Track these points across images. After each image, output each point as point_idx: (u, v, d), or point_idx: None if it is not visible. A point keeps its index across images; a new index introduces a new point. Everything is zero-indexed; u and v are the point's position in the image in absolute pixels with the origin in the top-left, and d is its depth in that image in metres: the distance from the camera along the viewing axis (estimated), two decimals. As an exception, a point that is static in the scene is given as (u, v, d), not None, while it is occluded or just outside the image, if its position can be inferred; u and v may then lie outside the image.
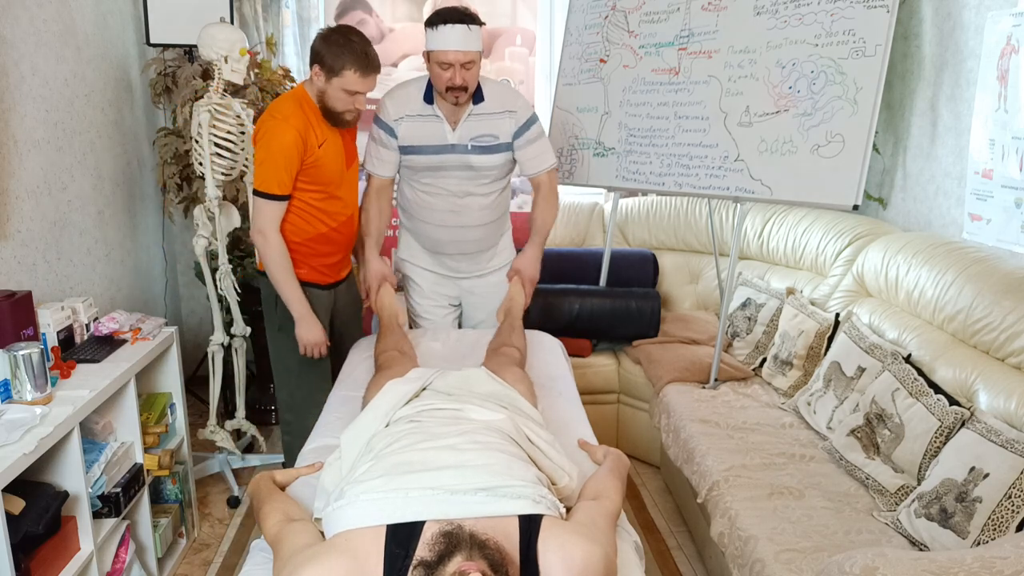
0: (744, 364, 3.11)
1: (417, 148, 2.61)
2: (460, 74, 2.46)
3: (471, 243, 2.76)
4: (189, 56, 3.47)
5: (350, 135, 2.63)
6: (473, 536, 1.28)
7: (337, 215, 2.56)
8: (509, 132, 2.63)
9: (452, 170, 2.63)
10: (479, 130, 2.60)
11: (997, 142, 2.50)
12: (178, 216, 3.82)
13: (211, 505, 3.05)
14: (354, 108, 2.43)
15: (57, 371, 2.19)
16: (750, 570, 1.96)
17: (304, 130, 2.38)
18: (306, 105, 2.43)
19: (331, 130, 2.49)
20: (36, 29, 2.65)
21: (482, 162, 2.62)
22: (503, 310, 2.68)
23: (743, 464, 2.35)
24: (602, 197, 4.07)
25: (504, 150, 2.65)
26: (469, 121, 2.59)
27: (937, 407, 2.11)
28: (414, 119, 2.60)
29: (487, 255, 2.83)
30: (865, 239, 2.98)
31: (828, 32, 2.70)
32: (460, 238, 2.74)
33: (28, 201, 2.55)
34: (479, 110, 2.60)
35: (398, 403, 1.79)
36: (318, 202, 2.50)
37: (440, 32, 2.43)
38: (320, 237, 2.55)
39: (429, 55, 2.49)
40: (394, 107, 2.61)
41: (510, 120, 2.62)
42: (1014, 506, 1.77)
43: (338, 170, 2.52)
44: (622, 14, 3.33)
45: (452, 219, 2.69)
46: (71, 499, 2.01)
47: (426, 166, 2.63)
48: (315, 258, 2.58)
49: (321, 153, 2.43)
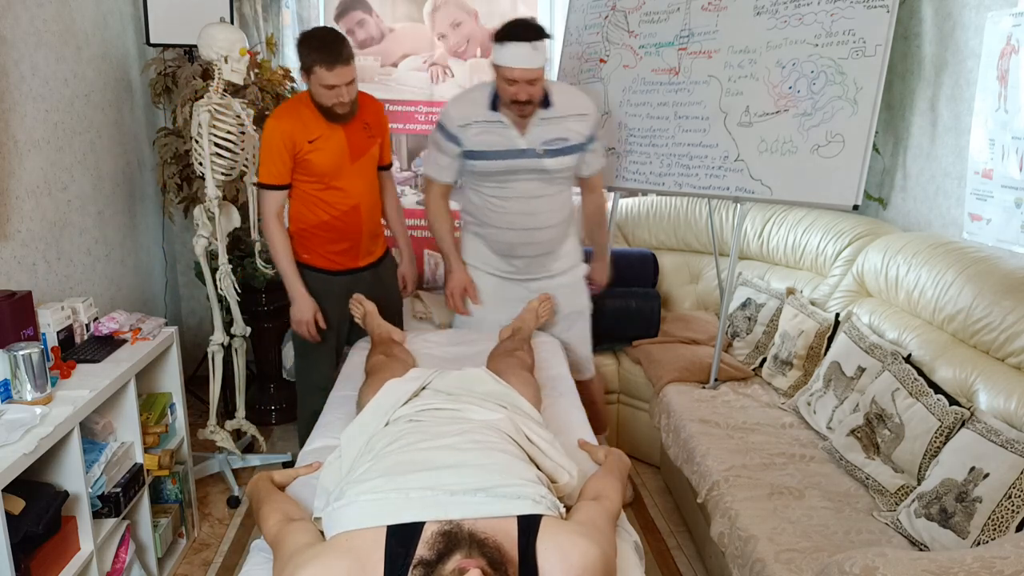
0: (744, 364, 3.11)
1: (485, 153, 2.62)
2: (525, 90, 2.48)
3: (542, 244, 2.77)
4: (189, 56, 3.47)
5: (358, 130, 2.67)
6: (472, 535, 1.28)
7: (338, 204, 2.67)
8: (583, 134, 2.66)
9: (523, 174, 2.65)
10: (550, 134, 2.61)
11: (997, 142, 2.50)
12: (178, 216, 3.82)
13: (211, 505, 3.05)
14: (340, 101, 2.51)
15: (57, 371, 2.19)
16: (750, 570, 1.96)
17: (293, 127, 2.56)
18: (304, 105, 2.59)
19: (330, 127, 2.59)
20: (36, 29, 2.65)
21: (555, 164, 2.64)
22: (512, 328, 2.66)
23: (743, 464, 2.35)
24: (602, 197, 4.06)
25: (577, 151, 2.68)
26: (539, 126, 2.60)
27: (937, 407, 2.11)
28: (481, 125, 2.61)
29: (555, 255, 2.83)
30: (865, 239, 2.98)
31: (828, 32, 2.70)
32: (531, 240, 2.75)
33: (28, 201, 2.55)
34: (548, 114, 2.61)
35: (397, 402, 1.79)
36: (317, 192, 2.65)
37: (506, 48, 2.44)
38: (322, 225, 2.69)
39: (495, 67, 2.50)
40: (458, 114, 2.62)
41: (582, 123, 2.65)
42: (1014, 506, 1.77)
43: (335, 163, 2.63)
44: (622, 14, 3.33)
45: (523, 221, 2.71)
46: (71, 499, 2.01)
47: (495, 171, 2.65)
48: (321, 245, 2.72)
49: (312, 148, 2.58)
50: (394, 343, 2.51)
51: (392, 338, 2.56)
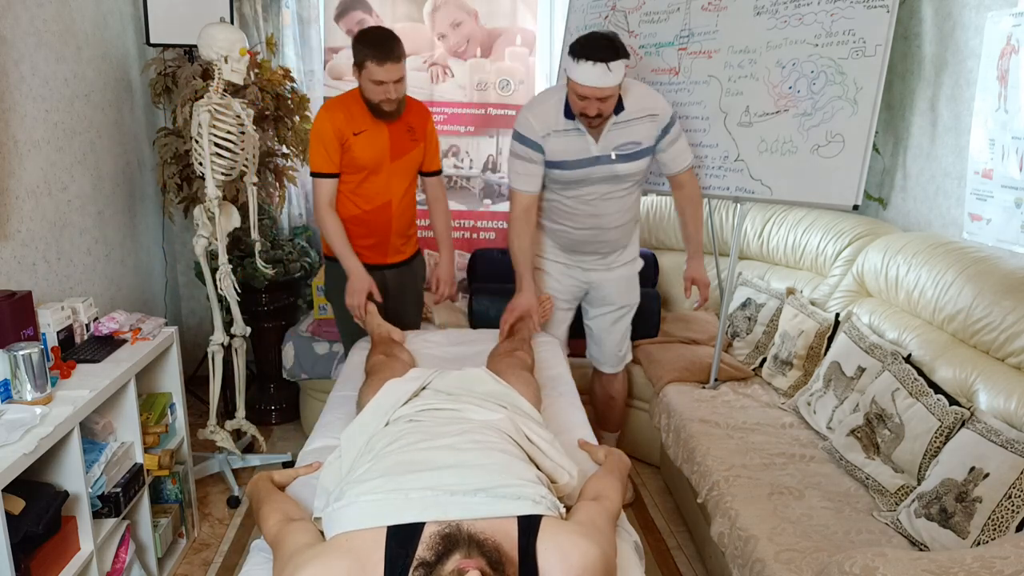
0: (744, 364, 3.11)
1: (563, 163, 2.62)
2: (595, 105, 2.46)
3: (608, 243, 2.80)
4: (189, 56, 3.47)
5: (402, 131, 2.73)
6: (472, 536, 1.28)
7: (371, 199, 2.76)
8: (652, 136, 2.63)
9: (596, 179, 2.65)
10: (622, 138, 2.59)
11: (997, 142, 2.50)
12: (178, 216, 3.82)
13: (211, 505, 3.05)
14: (387, 98, 2.58)
15: (57, 371, 2.19)
16: (750, 570, 1.96)
17: (341, 118, 2.66)
18: (353, 100, 2.69)
19: (375, 123, 2.68)
20: (36, 29, 2.64)
21: (626, 169, 2.64)
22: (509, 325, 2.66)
23: (743, 464, 2.35)
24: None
25: (647, 154, 2.66)
26: (612, 131, 2.58)
27: (937, 407, 2.11)
28: (559, 134, 2.60)
29: (617, 252, 2.85)
30: (865, 239, 2.98)
31: (828, 32, 2.70)
32: (598, 239, 2.77)
33: (28, 201, 2.55)
34: (620, 119, 2.58)
35: (397, 402, 1.79)
36: (353, 186, 2.74)
37: (580, 66, 2.40)
38: (352, 219, 2.78)
39: (568, 79, 2.48)
40: (539, 123, 2.59)
41: (652, 124, 2.61)
42: (1014, 506, 1.77)
43: (376, 158, 2.70)
44: (622, 14, 3.32)
45: (592, 222, 2.73)
46: (71, 499, 2.01)
47: (571, 180, 2.65)
48: (352, 238, 2.79)
49: (354, 141, 2.67)
50: (394, 343, 2.51)
51: (392, 338, 2.56)
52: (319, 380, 3.44)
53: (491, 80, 3.72)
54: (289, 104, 3.49)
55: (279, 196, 3.58)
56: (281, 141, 3.48)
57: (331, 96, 3.66)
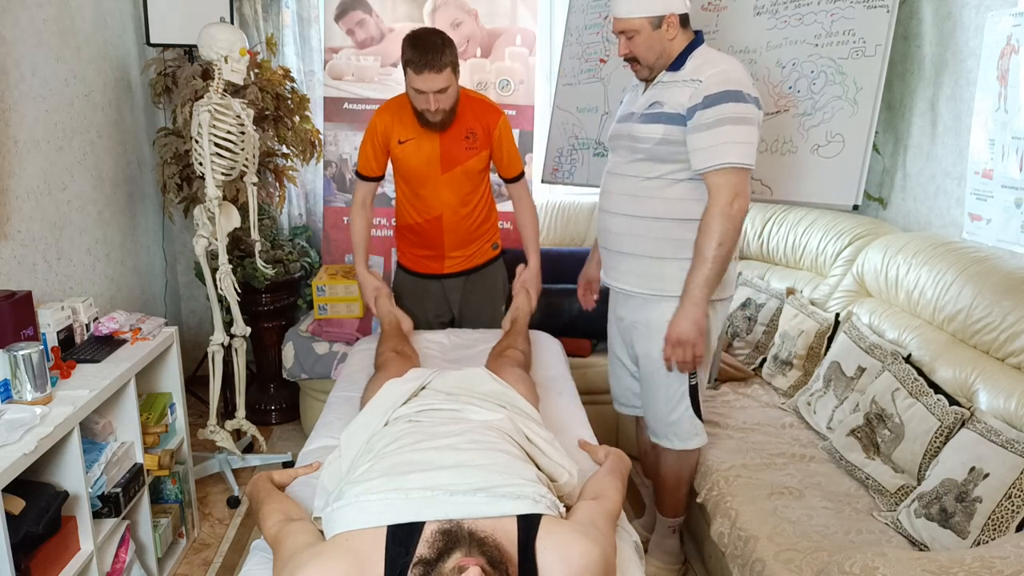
0: (744, 364, 3.11)
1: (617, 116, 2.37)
2: (622, 43, 2.15)
3: (611, 235, 2.31)
4: (189, 56, 3.47)
5: (457, 139, 2.58)
6: (472, 534, 1.28)
7: (424, 211, 2.70)
8: (682, 104, 2.10)
9: (620, 140, 2.28)
10: (653, 97, 2.19)
11: (997, 142, 2.50)
12: (178, 216, 3.82)
13: (211, 505, 3.05)
14: (428, 108, 2.44)
15: (57, 371, 2.19)
16: (750, 570, 1.96)
17: (390, 122, 2.60)
18: (405, 103, 2.57)
19: (425, 132, 2.55)
20: (36, 29, 2.65)
21: (639, 131, 2.19)
22: (510, 319, 2.66)
23: (743, 464, 2.35)
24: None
25: (664, 121, 2.13)
26: (654, 88, 2.21)
27: (937, 407, 2.11)
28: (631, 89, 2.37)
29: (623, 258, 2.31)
30: (865, 239, 2.98)
31: (828, 32, 2.70)
32: (602, 224, 2.36)
33: (28, 201, 2.55)
34: (667, 77, 2.17)
35: (397, 402, 1.79)
36: (408, 195, 2.71)
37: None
38: (410, 228, 2.77)
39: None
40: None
41: (688, 89, 2.09)
42: (1014, 506, 1.77)
43: (422, 170, 2.61)
44: (622, 14, 3.32)
45: (602, 201, 2.36)
46: (71, 499, 2.01)
47: (610, 136, 2.35)
48: (408, 246, 2.81)
49: (400, 149, 2.60)
50: (404, 339, 2.52)
51: (400, 326, 2.60)
52: (319, 380, 3.43)
53: (491, 80, 3.72)
54: (289, 104, 3.48)
55: (279, 196, 3.58)
56: (281, 141, 3.48)
57: (331, 96, 3.67)
